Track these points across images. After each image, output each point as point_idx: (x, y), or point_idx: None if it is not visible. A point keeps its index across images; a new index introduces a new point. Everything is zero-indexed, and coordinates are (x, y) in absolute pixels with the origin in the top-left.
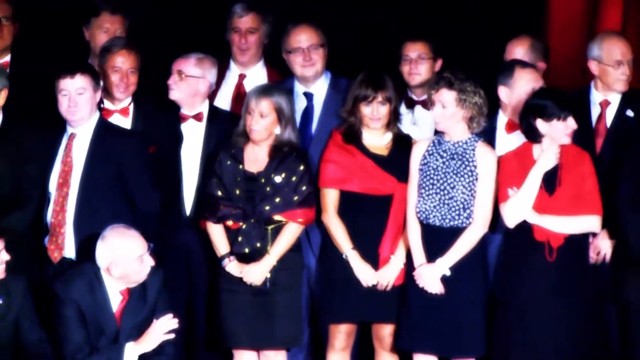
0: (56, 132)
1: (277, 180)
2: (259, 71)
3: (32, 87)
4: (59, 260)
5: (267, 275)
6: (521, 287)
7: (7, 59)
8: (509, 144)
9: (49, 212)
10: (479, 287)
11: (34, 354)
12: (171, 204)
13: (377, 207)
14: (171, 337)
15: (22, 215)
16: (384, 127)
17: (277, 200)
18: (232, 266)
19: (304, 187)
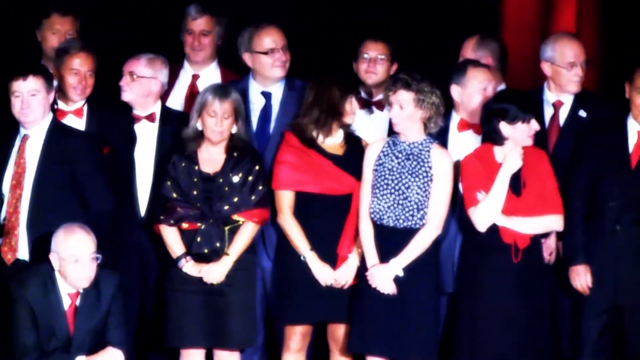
0: (9, 134)
1: (235, 180)
2: (212, 71)
3: None
4: (13, 262)
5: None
6: (486, 289)
7: None
8: (461, 142)
9: (2, 213)
10: (431, 289)
11: None
12: (125, 204)
13: (334, 207)
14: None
15: None
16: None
17: (235, 200)
18: (189, 267)
19: (260, 187)
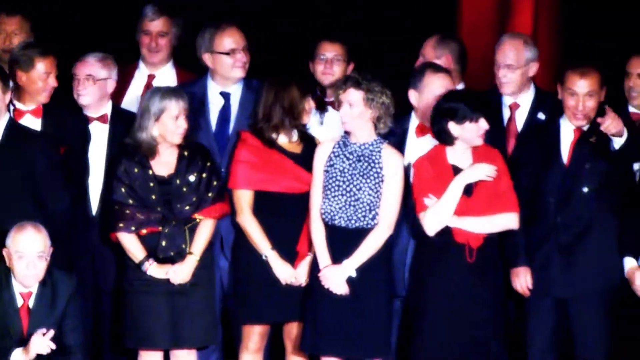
0: None
1: (191, 179)
2: (168, 72)
3: None
4: None
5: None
6: (440, 290)
7: None
8: (420, 147)
9: None
10: (383, 289)
11: None
12: (78, 204)
13: (294, 205)
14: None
15: None
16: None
17: (194, 199)
18: (153, 269)
19: (215, 182)
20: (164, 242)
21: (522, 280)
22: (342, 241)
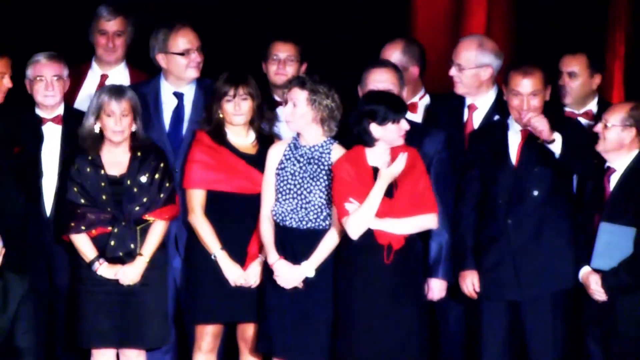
0: None
1: (143, 180)
2: (121, 71)
3: None
4: None
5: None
6: (359, 290)
7: None
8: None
9: None
10: (329, 289)
11: None
12: (32, 206)
13: (246, 206)
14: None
15: None
16: (247, 124)
17: (145, 200)
18: (103, 269)
19: (168, 184)
20: (112, 242)
21: (469, 284)
22: (294, 242)
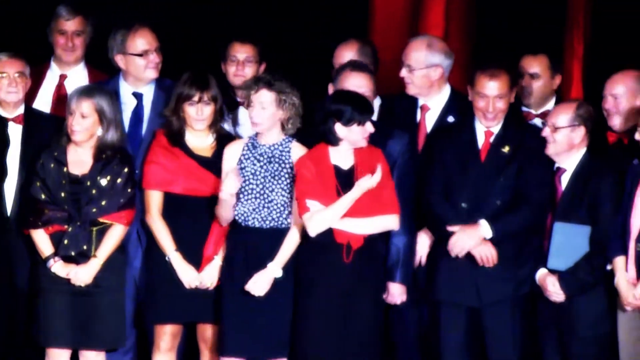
0: None
1: (103, 183)
2: (80, 71)
3: None
4: None
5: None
6: (318, 288)
7: None
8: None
9: None
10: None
11: None
12: None
13: (200, 208)
14: None
15: None
16: (207, 127)
17: (103, 203)
18: (57, 267)
19: (129, 189)
20: (65, 241)
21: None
22: (257, 240)
